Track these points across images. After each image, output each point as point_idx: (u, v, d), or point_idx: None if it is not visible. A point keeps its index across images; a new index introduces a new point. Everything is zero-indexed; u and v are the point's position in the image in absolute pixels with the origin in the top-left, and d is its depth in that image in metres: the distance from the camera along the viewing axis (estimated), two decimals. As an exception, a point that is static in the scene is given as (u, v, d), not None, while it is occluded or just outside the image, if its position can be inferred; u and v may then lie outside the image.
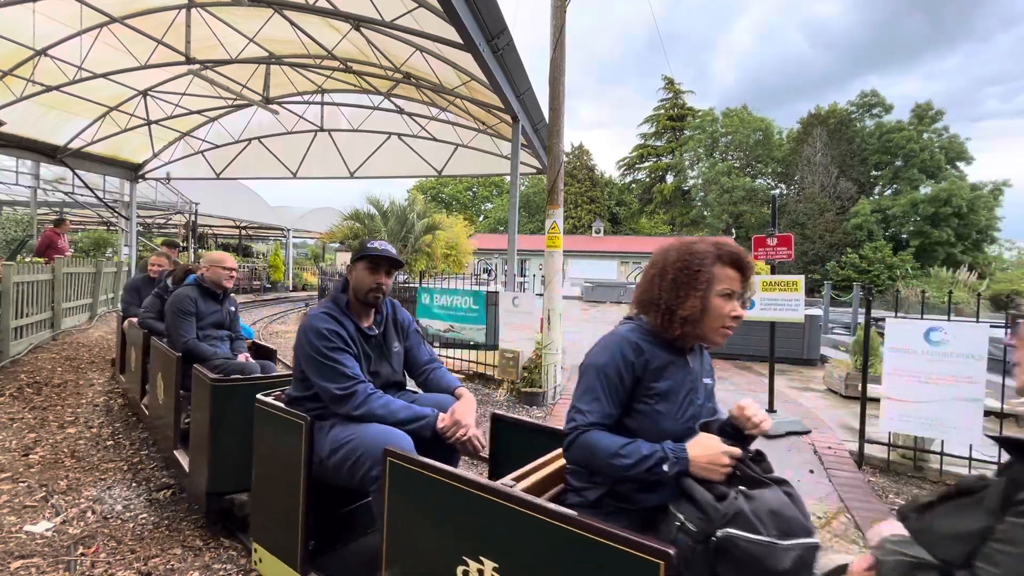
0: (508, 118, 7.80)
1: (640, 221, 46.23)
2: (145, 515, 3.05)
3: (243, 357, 3.65)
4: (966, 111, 64.10)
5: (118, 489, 3.37)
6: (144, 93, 9.70)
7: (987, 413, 3.75)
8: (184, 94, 9.78)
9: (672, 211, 45.42)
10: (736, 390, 6.31)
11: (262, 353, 3.96)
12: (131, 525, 2.93)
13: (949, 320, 3.69)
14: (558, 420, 5.07)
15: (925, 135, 35.34)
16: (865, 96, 38.40)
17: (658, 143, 48.81)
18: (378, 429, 1.91)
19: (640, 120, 56.15)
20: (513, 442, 2.11)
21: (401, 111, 10.35)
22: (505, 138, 10.00)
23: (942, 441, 3.79)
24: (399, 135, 11.53)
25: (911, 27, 74.83)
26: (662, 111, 48.43)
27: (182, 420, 3.32)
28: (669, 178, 47.02)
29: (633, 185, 50.46)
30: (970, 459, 3.72)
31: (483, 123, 9.85)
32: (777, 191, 40.47)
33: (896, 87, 68.71)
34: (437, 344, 8.14)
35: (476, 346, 7.14)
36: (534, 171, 11.32)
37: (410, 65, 7.94)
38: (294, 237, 25.34)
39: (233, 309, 3.89)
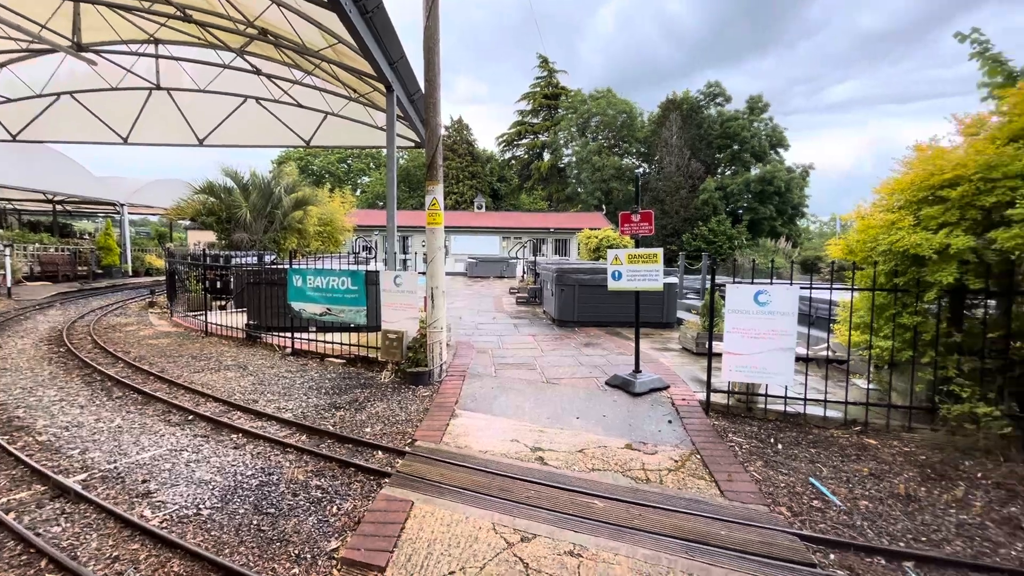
0: (382, 87, 7.41)
1: (520, 197, 47.41)
2: None
3: None
4: (780, 106, 76.55)
5: None
6: None
7: (797, 359, 4.58)
8: (-47, 30, 7.69)
9: (549, 188, 47.25)
10: (608, 353, 6.89)
11: None
12: None
13: (772, 283, 4.40)
14: (446, 398, 5.10)
15: (755, 124, 41.02)
16: (711, 86, 43.25)
17: (535, 120, 50.06)
18: None
19: (517, 97, 56.94)
20: None
21: (258, 72, 9.28)
22: (380, 108, 9.51)
23: (766, 385, 4.56)
24: (257, 99, 10.36)
25: (739, 31, 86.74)
26: (538, 89, 49.60)
27: None
28: (546, 155, 48.67)
29: (513, 161, 51.35)
30: (785, 398, 4.54)
31: (355, 91, 9.24)
32: (640, 170, 44.19)
33: (729, 80, 79.46)
34: (313, 329, 7.64)
35: (357, 329, 6.84)
36: (412, 144, 10.97)
37: (265, 20, 7.11)
38: (131, 213, 21.72)
39: None
